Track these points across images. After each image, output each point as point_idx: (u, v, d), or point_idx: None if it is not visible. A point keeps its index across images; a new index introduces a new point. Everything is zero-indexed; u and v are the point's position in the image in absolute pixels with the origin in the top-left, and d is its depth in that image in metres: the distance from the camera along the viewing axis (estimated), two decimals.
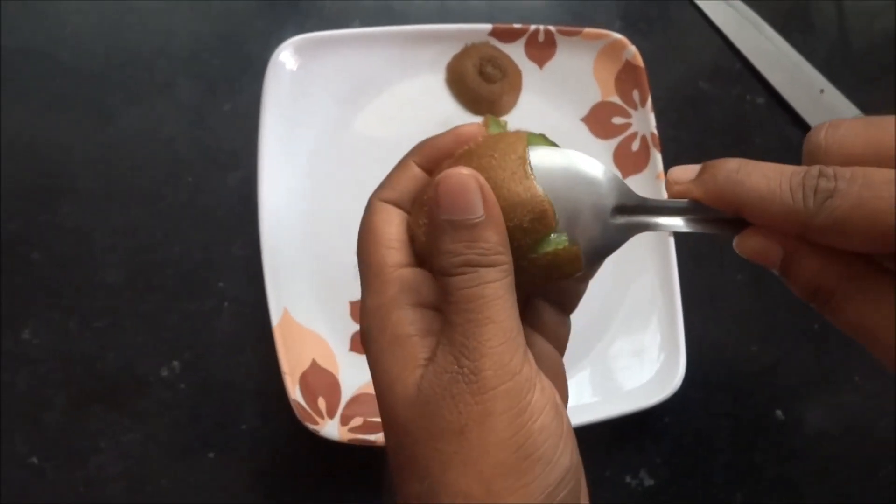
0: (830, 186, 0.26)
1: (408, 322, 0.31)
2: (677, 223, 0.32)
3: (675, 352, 0.62)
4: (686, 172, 0.31)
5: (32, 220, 0.63)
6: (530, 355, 0.30)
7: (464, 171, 0.30)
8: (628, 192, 0.32)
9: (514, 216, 0.30)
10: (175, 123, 0.67)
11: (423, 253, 0.33)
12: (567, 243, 0.31)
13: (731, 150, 0.72)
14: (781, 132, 0.74)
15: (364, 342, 0.32)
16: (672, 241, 0.64)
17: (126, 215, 0.64)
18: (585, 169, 0.32)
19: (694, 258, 0.66)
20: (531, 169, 0.31)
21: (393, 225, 0.33)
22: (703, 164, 0.31)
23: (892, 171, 0.26)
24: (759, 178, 0.28)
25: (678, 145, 0.70)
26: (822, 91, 0.74)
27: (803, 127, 0.73)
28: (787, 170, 0.28)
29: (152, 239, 0.64)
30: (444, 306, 0.30)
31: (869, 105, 0.73)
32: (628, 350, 0.64)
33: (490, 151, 0.32)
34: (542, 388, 0.29)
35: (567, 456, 0.29)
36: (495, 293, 0.29)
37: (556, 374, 0.35)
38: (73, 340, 0.61)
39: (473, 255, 0.29)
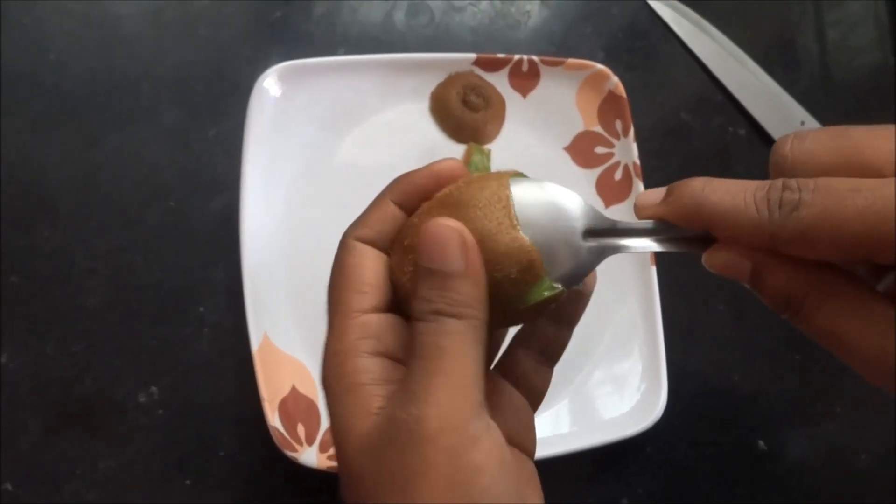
0: (795, 198, 0.26)
1: (363, 371, 0.31)
2: (647, 244, 0.32)
3: (657, 381, 0.62)
4: (653, 196, 0.32)
5: (12, 242, 0.62)
6: (485, 411, 0.30)
7: (450, 224, 0.30)
8: (598, 215, 0.33)
9: (503, 267, 0.31)
10: (159, 148, 0.66)
11: (407, 298, 0.33)
12: (553, 290, 0.31)
13: None
14: (762, 163, 0.73)
15: (323, 386, 0.32)
16: (654, 269, 0.64)
17: (107, 239, 0.64)
18: (558, 197, 0.32)
19: (675, 287, 0.66)
20: (517, 218, 0.31)
21: (366, 268, 0.33)
22: (670, 185, 0.31)
23: (856, 178, 0.26)
24: (723, 193, 0.29)
25: (660, 175, 0.70)
26: (802, 123, 0.75)
27: None
28: (752, 184, 0.28)
29: (133, 263, 0.63)
30: (409, 352, 0.30)
31: None
32: (610, 380, 0.64)
33: (474, 201, 0.32)
34: (490, 447, 0.29)
35: None
36: (454, 346, 0.29)
37: (523, 427, 0.35)
38: (50, 364, 0.60)
39: (443, 305, 0.29)
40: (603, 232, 0.32)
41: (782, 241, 0.27)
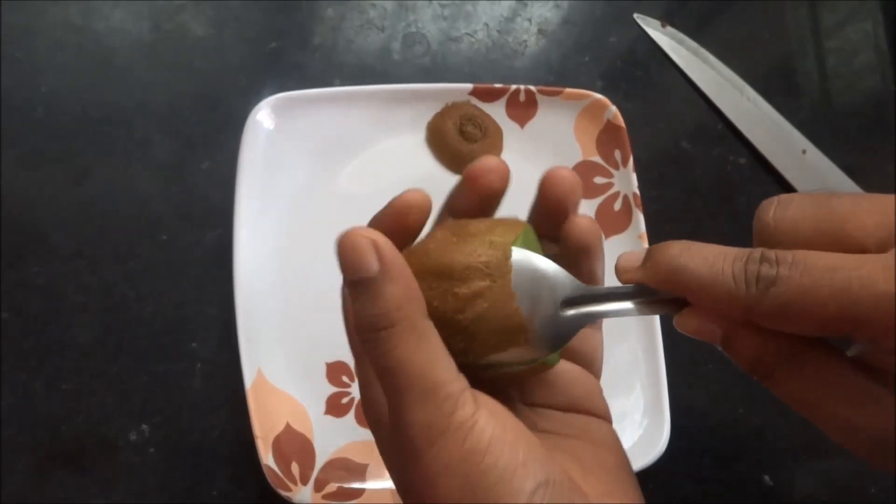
0: (772, 273, 0.26)
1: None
2: (625, 307, 0.32)
3: (660, 416, 0.61)
4: (633, 260, 0.31)
5: (1, 277, 0.62)
6: (465, 397, 0.28)
7: (359, 231, 0.29)
8: (576, 284, 0.32)
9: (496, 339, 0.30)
10: (151, 180, 0.66)
11: None
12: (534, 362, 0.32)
13: (713, 211, 0.72)
14: (764, 192, 0.73)
15: None
16: None
17: (98, 274, 0.63)
18: (539, 268, 0.31)
19: None
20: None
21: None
22: (649, 248, 0.31)
23: (835, 255, 0.26)
24: (700, 262, 0.28)
25: (660, 205, 0.70)
26: (804, 151, 0.74)
27: (786, 187, 0.73)
28: (730, 254, 0.28)
29: (124, 298, 0.63)
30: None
31: (851, 165, 0.73)
32: (611, 415, 0.63)
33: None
34: (482, 427, 0.28)
35: (530, 480, 0.27)
36: (401, 358, 0.28)
37: (587, 392, 0.38)
38: (39, 402, 0.59)
39: (374, 320, 0.28)
40: (581, 300, 0.32)
41: (758, 316, 0.27)
